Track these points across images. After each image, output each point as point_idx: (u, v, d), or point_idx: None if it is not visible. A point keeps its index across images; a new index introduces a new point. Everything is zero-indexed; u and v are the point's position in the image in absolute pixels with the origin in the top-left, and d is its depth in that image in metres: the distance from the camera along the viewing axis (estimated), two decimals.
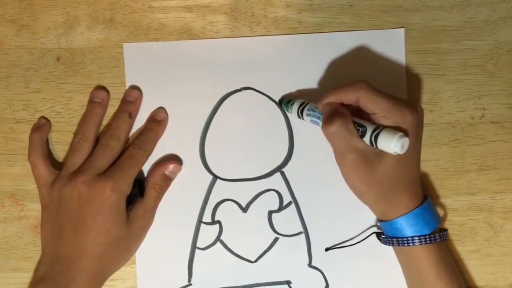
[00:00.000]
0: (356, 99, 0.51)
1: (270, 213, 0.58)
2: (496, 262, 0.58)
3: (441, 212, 0.58)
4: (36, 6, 0.58)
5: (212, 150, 0.58)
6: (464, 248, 0.58)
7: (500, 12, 0.58)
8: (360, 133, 0.51)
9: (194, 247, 0.58)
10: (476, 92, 0.58)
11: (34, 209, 0.58)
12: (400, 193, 0.52)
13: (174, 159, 0.58)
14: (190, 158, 0.58)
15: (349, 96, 0.52)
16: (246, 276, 0.58)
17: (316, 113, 0.54)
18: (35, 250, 0.58)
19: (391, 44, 0.58)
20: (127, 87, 0.58)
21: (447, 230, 0.54)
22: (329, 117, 0.51)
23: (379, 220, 0.55)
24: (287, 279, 0.58)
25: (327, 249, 0.57)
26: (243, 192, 0.58)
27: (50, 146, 0.58)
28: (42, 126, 0.58)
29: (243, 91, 0.58)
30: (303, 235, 0.58)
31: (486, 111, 0.58)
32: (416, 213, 0.52)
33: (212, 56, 0.58)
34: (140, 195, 0.56)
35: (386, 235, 0.54)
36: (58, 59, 0.58)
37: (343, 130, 0.50)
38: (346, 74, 0.57)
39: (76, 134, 0.57)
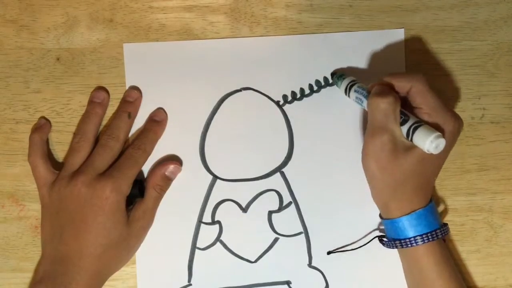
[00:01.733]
0: (409, 88, 0.51)
1: (270, 213, 0.58)
2: (496, 262, 0.58)
3: (441, 208, 0.58)
4: (36, 6, 0.58)
5: (212, 150, 0.58)
6: (464, 248, 0.58)
7: (500, 12, 0.58)
8: (401, 121, 0.50)
9: (194, 247, 0.58)
10: (476, 92, 0.58)
11: (34, 209, 0.58)
12: (409, 191, 0.52)
13: (174, 159, 0.58)
14: (190, 158, 0.58)
15: (403, 83, 0.51)
16: (246, 276, 0.58)
17: (364, 92, 0.53)
18: (35, 250, 0.58)
19: (391, 44, 0.58)
20: (127, 87, 0.58)
21: (447, 224, 0.54)
22: (385, 91, 0.51)
23: (380, 217, 0.55)
24: (287, 279, 0.58)
25: (329, 253, 0.57)
26: (243, 192, 0.58)
27: (50, 146, 0.58)
28: (42, 127, 0.58)
29: (243, 91, 0.58)
30: (303, 235, 0.58)
31: (486, 111, 0.58)
32: (419, 213, 0.52)
33: (212, 56, 0.58)
34: (140, 195, 0.56)
35: (389, 237, 0.54)
36: (58, 59, 0.58)
37: (391, 108, 0.50)
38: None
39: (75, 134, 0.57)
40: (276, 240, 0.58)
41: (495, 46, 0.58)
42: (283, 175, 0.58)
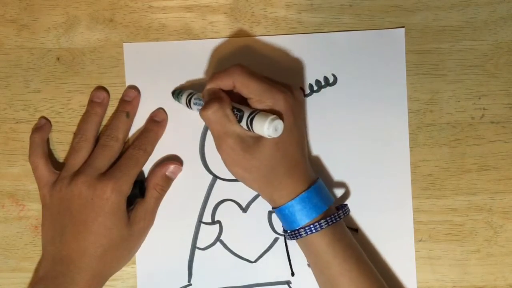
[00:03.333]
0: (232, 83, 0.51)
1: (270, 213, 0.58)
2: (496, 262, 0.58)
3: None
4: (36, 6, 0.58)
5: (212, 150, 0.58)
6: (464, 248, 0.58)
7: (500, 12, 0.58)
8: (238, 118, 0.51)
9: (194, 247, 0.58)
10: (476, 92, 0.58)
11: (34, 209, 0.58)
12: (283, 177, 0.51)
13: (175, 159, 0.58)
14: (190, 158, 0.58)
15: (225, 82, 0.51)
16: (246, 276, 0.58)
17: (201, 102, 0.53)
18: (35, 250, 0.58)
19: (391, 44, 0.57)
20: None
21: (344, 207, 0.54)
22: (207, 102, 0.51)
23: (272, 208, 0.54)
24: (287, 279, 0.58)
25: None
26: (243, 192, 0.58)
27: (51, 146, 0.58)
28: (42, 127, 0.58)
29: None
30: None
31: (486, 111, 0.58)
32: (302, 197, 0.51)
33: (212, 56, 0.58)
34: (140, 196, 0.56)
35: (283, 227, 0.54)
36: (58, 59, 0.58)
37: (219, 115, 0.50)
38: (346, 74, 0.57)
39: (76, 134, 0.57)
40: (276, 240, 0.58)
41: (495, 46, 0.58)
42: None
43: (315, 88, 0.58)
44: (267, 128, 0.49)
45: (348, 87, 0.57)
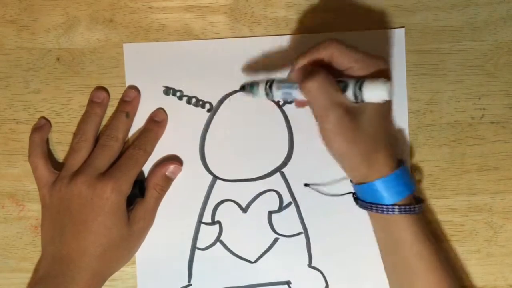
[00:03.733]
0: (330, 55, 0.51)
1: (270, 213, 0.58)
2: (496, 262, 0.58)
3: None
4: (36, 6, 0.58)
5: (212, 150, 0.58)
6: (464, 248, 0.58)
7: (500, 12, 0.58)
8: (342, 89, 0.50)
9: (194, 247, 0.58)
10: (476, 92, 0.58)
11: (34, 209, 0.58)
12: (381, 151, 0.51)
13: (174, 159, 0.58)
14: (190, 158, 0.58)
15: (323, 54, 0.51)
16: (246, 276, 0.58)
17: (287, 84, 0.52)
18: (35, 250, 0.58)
19: (391, 44, 0.57)
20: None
21: (423, 200, 0.54)
22: (310, 74, 0.50)
23: (356, 184, 0.53)
24: (287, 279, 0.58)
25: (306, 185, 0.57)
26: (243, 193, 0.58)
27: (50, 147, 0.59)
28: (42, 127, 0.58)
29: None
30: (303, 235, 0.58)
31: (486, 111, 0.58)
32: (395, 175, 0.51)
33: (212, 56, 0.58)
34: (140, 196, 0.56)
35: (364, 199, 0.53)
36: (58, 59, 0.58)
37: (327, 85, 0.49)
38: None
39: (75, 134, 0.57)
40: (276, 240, 0.58)
41: (495, 46, 0.58)
42: (283, 175, 0.58)
43: None
44: (382, 89, 0.48)
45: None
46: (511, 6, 0.58)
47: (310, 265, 0.58)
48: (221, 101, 0.58)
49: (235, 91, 0.58)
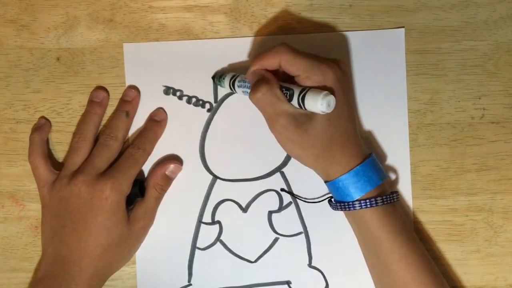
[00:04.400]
0: (279, 62, 0.51)
1: (270, 213, 0.58)
2: (496, 262, 0.58)
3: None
4: (36, 6, 0.58)
5: (212, 150, 0.58)
6: (464, 248, 0.58)
7: (500, 12, 0.58)
8: (288, 97, 0.50)
9: (194, 247, 0.58)
10: (476, 92, 0.58)
11: (34, 209, 0.58)
12: (338, 152, 0.52)
13: (174, 159, 0.58)
14: (190, 158, 0.58)
15: (271, 61, 0.51)
16: (246, 276, 0.58)
17: (246, 83, 0.53)
18: (35, 250, 0.58)
19: (391, 44, 0.57)
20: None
21: (396, 192, 0.54)
22: (255, 84, 0.51)
23: (324, 182, 0.54)
24: (287, 279, 0.58)
25: (282, 189, 0.58)
26: (243, 192, 0.58)
27: (50, 146, 0.59)
28: (42, 126, 0.58)
29: None
30: (303, 235, 0.58)
31: (486, 111, 0.58)
32: (357, 170, 0.51)
33: (212, 56, 0.58)
34: (140, 195, 0.56)
35: (335, 200, 0.54)
36: (58, 59, 0.58)
37: (269, 95, 0.50)
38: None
39: (75, 134, 0.57)
40: (276, 240, 0.58)
41: (495, 46, 0.58)
42: (283, 175, 0.58)
43: None
44: (321, 104, 0.48)
45: None
46: (511, 6, 0.58)
47: (310, 265, 0.58)
48: (221, 101, 0.58)
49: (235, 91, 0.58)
